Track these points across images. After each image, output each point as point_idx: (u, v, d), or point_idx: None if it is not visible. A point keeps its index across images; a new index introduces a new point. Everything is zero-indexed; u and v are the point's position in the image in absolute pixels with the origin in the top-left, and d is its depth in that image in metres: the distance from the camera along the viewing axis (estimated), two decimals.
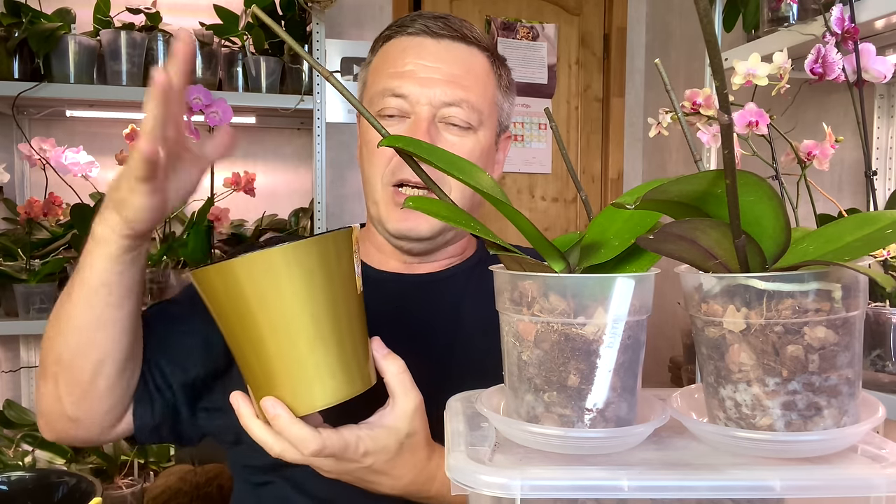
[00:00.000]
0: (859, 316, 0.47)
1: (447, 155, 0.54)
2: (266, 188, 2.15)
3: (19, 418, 1.88)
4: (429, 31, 0.89)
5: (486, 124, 0.90)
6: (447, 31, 0.89)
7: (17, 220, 1.90)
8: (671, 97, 0.53)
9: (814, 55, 1.03)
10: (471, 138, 0.89)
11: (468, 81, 0.88)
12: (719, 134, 0.52)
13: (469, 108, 0.87)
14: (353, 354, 0.61)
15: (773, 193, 0.45)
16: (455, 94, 0.87)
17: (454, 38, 0.89)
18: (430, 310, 0.92)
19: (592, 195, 2.87)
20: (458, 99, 0.87)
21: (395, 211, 0.88)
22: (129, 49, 1.84)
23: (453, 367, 0.65)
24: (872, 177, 1.14)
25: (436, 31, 0.89)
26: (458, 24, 0.91)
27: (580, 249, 0.54)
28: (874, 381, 1.10)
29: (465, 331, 0.90)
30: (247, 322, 0.58)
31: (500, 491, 0.45)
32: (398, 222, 0.88)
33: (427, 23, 0.89)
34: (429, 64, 0.87)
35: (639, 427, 0.49)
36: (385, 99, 0.87)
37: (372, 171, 0.89)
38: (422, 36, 0.89)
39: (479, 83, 0.90)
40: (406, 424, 0.67)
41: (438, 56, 0.88)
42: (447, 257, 0.97)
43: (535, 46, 2.79)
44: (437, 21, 0.89)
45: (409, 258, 0.94)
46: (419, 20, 0.90)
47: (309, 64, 0.50)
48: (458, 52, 0.89)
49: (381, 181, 0.88)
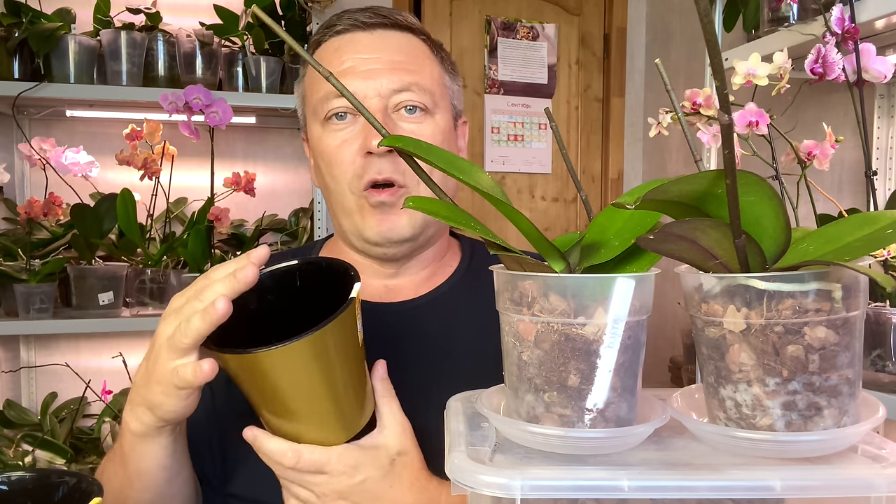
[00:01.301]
0: (859, 316, 0.47)
1: (447, 154, 0.54)
2: (266, 188, 2.15)
3: (19, 418, 1.88)
4: (358, 23, 0.85)
5: (441, 106, 0.87)
6: (378, 20, 0.85)
7: (17, 220, 1.90)
8: (671, 97, 0.53)
9: (814, 55, 1.03)
10: (429, 123, 0.85)
11: (412, 65, 0.84)
12: (719, 134, 0.52)
13: (420, 90, 0.83)
14: (358, 401, 0.66)
15: (773, 193, 0.45)
16: (402, 79, 0.83)
17: (387, 27, 0.86)
18: (413, 341, 0.87)
19: (592, 195, 2.87)
20: (406, 83, 0.83)
21: (371, 215, 0.83)
22: (129, 49, 1.84)
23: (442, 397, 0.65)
24: (872, 177, 1.14)
25: (366, 21, 0.85)
26: (388, 12, 0.87)
27: (580, 249, 0.54)
28: (874, 381, 1.10)
29: (453, 356, 0.86)
30: (266, 395, 0.62)
31: (500, 491, 0.45)
32: (377, 226, 0.83)
33: (355, 16, 0.85)
34: (367, 56, 0.83)
35: (639, 427, 0.49)
36: (329, 102, 0.83)
37: (336, 183, 0.84)
38: (352, 31, 0.85)
39: (424, 66, 0.86)
40: (396, 441, 0.67)
41: (375, 46, 0.84)
42: (426, 267, 0.91)
43: (535, 46, 2.79)
44: (364, 13, 0.85)
45: (389, 268, 0.89)
46: (346, 16, 0.86)
47: (309, 64, 0.50)
48: (393, 38, 0.86)
49: (348, 190, 0.84)
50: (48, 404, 1.97)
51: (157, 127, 1.80)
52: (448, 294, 0.91)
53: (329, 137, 0.85)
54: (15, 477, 0.63)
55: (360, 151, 0.82)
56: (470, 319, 0.88)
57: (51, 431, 1.79)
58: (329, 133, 0.85)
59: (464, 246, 0.98)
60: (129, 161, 1.78)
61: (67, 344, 2.09)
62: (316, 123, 0.86)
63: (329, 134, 0.85)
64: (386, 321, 0.86)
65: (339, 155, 0.84)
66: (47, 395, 1.99)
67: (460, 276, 0.93)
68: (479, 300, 0.89)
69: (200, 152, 1.89)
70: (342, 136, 0.84)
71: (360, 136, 0.83)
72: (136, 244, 1.83)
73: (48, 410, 1.94)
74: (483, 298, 0.89)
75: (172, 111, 1.63)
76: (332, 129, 0.84)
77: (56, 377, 2.02)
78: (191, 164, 2.01)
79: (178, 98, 1.62)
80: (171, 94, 1.63)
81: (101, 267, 1.81)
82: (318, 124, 0.86)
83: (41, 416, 1.92)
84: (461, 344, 0.87)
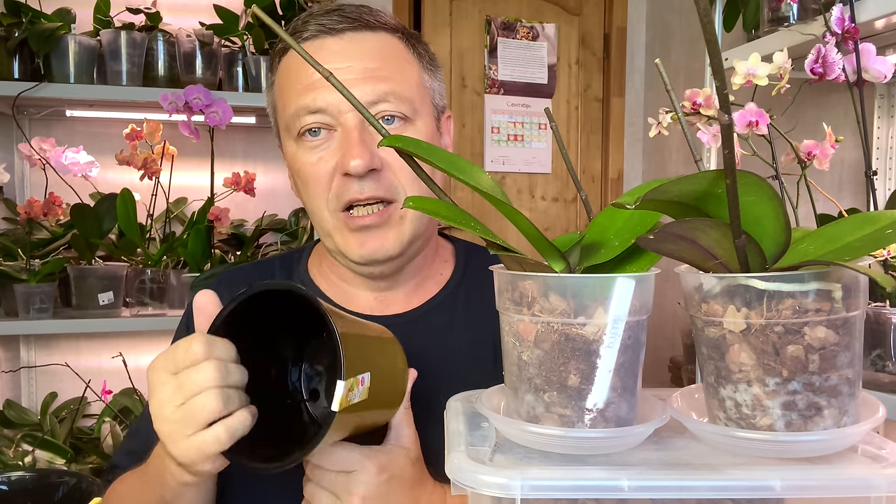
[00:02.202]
0: (859, 316, 0.47)
1: (447, 155, 0.54)
2: (266, 188, 2.15)
3: (19, 418, 1.88)
4: (325, 28, 0.79)
5: (422, 111, 0.81)
6: (347, 23, 0.79)
7: (17, 220, 1.90)
8: (671, 97, 0.53)
9: (814, 55, 1.03)
10: (410, 131, 0.79)
11: (387, 71, 0.78)
12: (719, 134, 0.52)
13: (397, 99, 0.78)
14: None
15: (773, 193, 0.45)
16: (377, 89, 0.77)
17: (356, 28, 0.79)
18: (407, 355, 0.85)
19: (592, 195, 2.87)
20: (382, 93, 0.77)
21: (352, 238, 0.79)
22: (129, 49, 1.84)
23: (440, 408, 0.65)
24: (872, 177, 1.14)
25: (333, 26, 0.79)
26: (355, 12, 0.80)
27: (580, 249, 0.54)
28: (874, 381, 1.10)
29: (448, 367, 0.83)
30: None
31: (500, 491, 0.45)
32: (360, 248, 0.79)
33: (321, 21, 0.79)
34: (337, 65, 0.77)
35: (639, 427, 0.49)
36: (302, 118, 0.78)
37: (314, 201, 0.80)
38: (320, 37, 0.79)
39: (400, 70, 0.80)
40: (414, 446, 0.69)
41: (345, 53, 0.78)
42: (416, 275, 0.88)
43: (535, 46, 2.79)
44: (331, 16, 0.79)
45: (380, 283, 0.86)
46: (311, 21, 0.80)
47: (309, 64, 0.50)
48: (366, 42, 0.79)
49: (327, 209, 0.79)
50: (48, 404, 1.97)
51: (157, 127, 1.80)
52: (441, 305, 0.88)
53: (304, 155, 0.80)
54: (15, 477, 0.63)
55: (338, 170, 0.78)
56: (464, 331, 0.86)
57: (51, 431, 1.79)
58: (304, 150, 0.80)
59: (457, 250, 0.94)
60: (129, 161, 1.78)
61: (67, 344, 2.09)
62: (289, 139, 0.82)
63: (304, 152, 0.80)
64: None
65: (314, 174, 0.79)
66: (47, 395, 2.00)
67: (454, 286, 0.90)
68: (474, 309, 0.88)
69: (200, 152, 1.89)
70: (318, 154, 0.79)
71: (335, 153, 0.78)
72: (136, 244, 1.83)
73: (48, 410, 1.95)
74: (479, 307, 0.88)
75: (172, 111, 1.63)
76: (306, 145, 0.80)
77: (56, 377, 2.02)
78: (191, 164, 2.01)
79: (178, 98, 1.62)
80: (171, 94, 1.63)
81: (101, 267, 1.81)
82: (291, 140, 0.81)
83: (41, 416, 1.92)
84: (453, 357, 0.85)
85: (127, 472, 0.78)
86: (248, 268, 0.97)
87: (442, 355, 0.84)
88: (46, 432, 1.77)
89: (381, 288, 0.87)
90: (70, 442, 1.78)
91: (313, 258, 0.94)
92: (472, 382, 0.65)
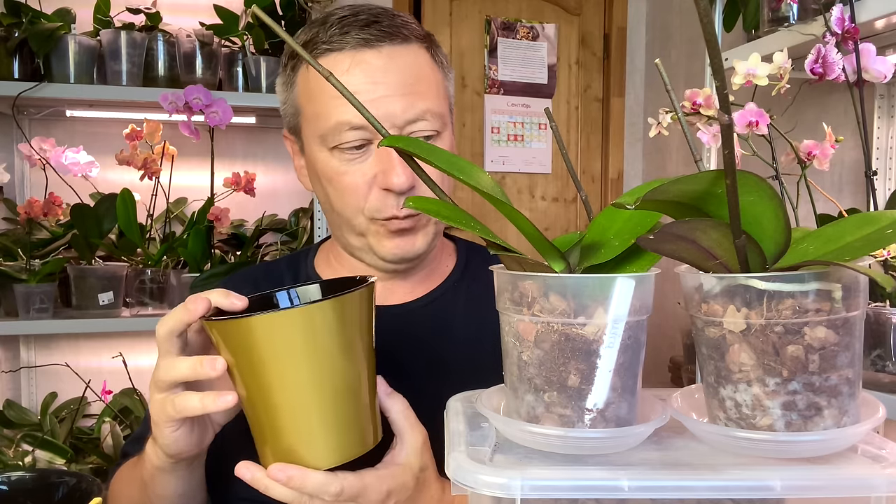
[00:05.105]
0: (859, 316, 0.47)
1: (447, 155, 0.54)
2: (266, 188, 2.15)
3: (19, 418, 1.88)
4: (366, 42, 0.78)
5: (447, 121, 0.84)
6: (385, 36, 0.79)
7: (17, 220, 1.90)
8: (671, 97, 0.53)
9: (814, 55, 1.03)
10: (441, 145, 0.81)
11: (422, 87, 0.80)
12: (719, 134, 0.52)
13: (433, 116, 0.80)
14: (366, 411, 0.63)
15: (773, 193, 0.45)
16: (415, 107, 0.79)
17: (393, 42, 0.79)
18: (408, 344, 0.86)
19: (592, 195, 2.87)
20: (420, 112, 0.79)
21: (388, 239, 0.82)
22: (129, 49, 1.84)
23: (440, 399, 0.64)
24: (872, 177, 1.14)
25: (373, 40, 0.79)
26: (390, 24, 0.80)
27: (580, 249, 0.54)
28: (874, 381, 1.10)
29: (448, 360, 0.86)
30: (262, 381, 0.58)
31: (500, 491, 0.45)
32: (395, 248, 0.82)
33: (360, 34, 0.78)
34: (379, 80, 0.78)
35: (639, 427, 0.49)
36: (344, 133, 0.78)
37: (347, 208, 0.81)
38: (361, 51, 0.78)
39: (432, 85, 0.82)
40: (417, 459, 0.67)
41: (385, 68, 0.78)
42: (424, 268, 0.91)
43: (535, 46, 2.79)
44: (370, 29, 0.79)
45: (395, 275, 0.89)
46: (351, 32, 0.79)
47: (309, 64, 0.50)
48: (402, 57, 0.80)
49: (363, 216, 0.81)
50: (48, 404, 1.97)
51: (157, 127, 1.80)
52: (443, 297, 0.91)
53: (339, 165, 0.80)
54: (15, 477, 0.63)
55: (378, 183, 0.79)
56: (465, 323, 0.88)
57: (51, 431, 1.79)
58: (339, 161, 0.80)
59: (459, 248, 0.97)
60: (129, 161, 1.78)
61: (67, 344, 2.09)
62: (321, 147, 0.81)
63: (339, 162, 0.80)
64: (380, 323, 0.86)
65: (353, 183, 0.80)
66: (47, 395, 2.00)
67: (455, 280, 0.92)
68: (474, 304, 0.90)
69: (200, 152, 1.89)
70: (355, 167, 0.80)
71: (373, 166, 0.79)
72: (136, 244, 1.83)
73: (48, 410, 1.95)
74: (478, 302, 0.90)
75: (172, 111, 1.63)
76: (344, 157, 0.80)
77: (56, 377, 2.02)
78: (191, 164, 2.01)
79: (178, 98, 1.62)
80: (171, 94, 1.63)
81: (101, 267, 1.81)
82: (323, 148, 0.81)
83: (41, 416, 1.92)
84: (456, 347, 0.87)
85: (131, 459, 0.82)
86: (255, 269, 1.00)
87: (443, 341, 0.87)
88: (46, 432, 1.77)
89: (389, 278, 0.89)
90: (70, 442, 1.78)
91: (320, 255, 0.96)
92: (472, 369, 0.65)
